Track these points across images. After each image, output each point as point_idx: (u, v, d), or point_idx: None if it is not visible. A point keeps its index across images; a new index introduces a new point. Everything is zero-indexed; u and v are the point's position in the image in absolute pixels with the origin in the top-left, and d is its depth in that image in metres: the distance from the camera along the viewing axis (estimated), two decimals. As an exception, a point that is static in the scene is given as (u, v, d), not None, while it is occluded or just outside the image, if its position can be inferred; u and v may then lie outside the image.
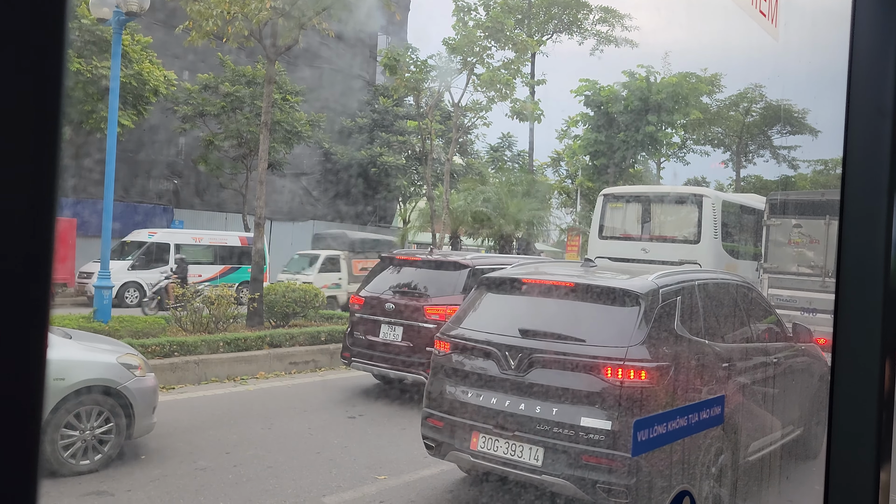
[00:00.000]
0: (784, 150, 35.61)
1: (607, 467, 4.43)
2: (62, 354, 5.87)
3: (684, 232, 12.97)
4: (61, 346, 6.03)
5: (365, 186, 30.33)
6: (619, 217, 13.79)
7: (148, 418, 6.27)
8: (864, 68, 1.47)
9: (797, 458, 6.67)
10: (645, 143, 23.81)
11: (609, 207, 13.85)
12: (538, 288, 5.53)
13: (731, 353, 5.39)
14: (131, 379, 6.12)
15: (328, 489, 5.76)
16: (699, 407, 2.71)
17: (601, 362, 4.64)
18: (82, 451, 5.81)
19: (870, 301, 1.50)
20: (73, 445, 5.75)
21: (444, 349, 5.51)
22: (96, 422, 5.89)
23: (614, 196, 14.28)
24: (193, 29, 13.05)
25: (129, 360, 6.33)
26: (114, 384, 6.01)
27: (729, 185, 38.30)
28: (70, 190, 22.04)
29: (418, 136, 21.83)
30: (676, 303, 5.06)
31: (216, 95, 23.04)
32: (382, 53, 18.35)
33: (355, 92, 31.80)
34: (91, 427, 5.85)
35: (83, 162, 21.59)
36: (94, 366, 6.02)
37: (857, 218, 1.50)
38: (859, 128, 1.48)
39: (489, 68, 17.85)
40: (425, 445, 5.49)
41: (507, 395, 4.93)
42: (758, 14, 1.86)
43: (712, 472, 4.90)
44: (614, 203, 13.91)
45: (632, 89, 23.21)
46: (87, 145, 21.04)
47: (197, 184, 26.53)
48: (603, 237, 13.75)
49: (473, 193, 20.09)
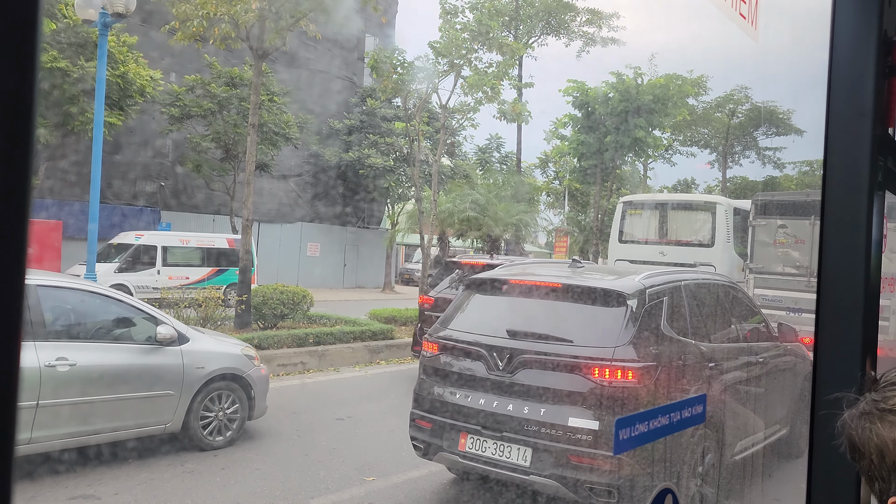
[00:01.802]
0: (769, 152, 35.88)
1: (595, 467, 4.45)
2: (200, 346, 6.80)
3: (699, 236, 13.67)
4: (198, 339, 6.92)
5: (353, 188, 30.29)
6: (637, 222, 14.59)
7: (263, 402, 7.23)
8: (843, 70, 1.49)
9: (783, 457, 6.72)
10: (632, 145, 23.90)
11: (628, 214, 14.65)
12: (526, 289, 5.55)
13: (717, 353, 5.43)
14: (252, 368, 7.15)
15: (316, 491, 5.75)
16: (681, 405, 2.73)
17: (588, 362, 4.66)
18: (216, 429, 6.77)
19: (850, 300, 1.52)
20: (210, 424, 6.72)
21: (432, 350, 5.51)
22: (227, 404, 6.87)
23: (633, 203, 15.13)
24: (179, 29, 13.00)
25: (249, 351, 7.37)
26: (240, 372, 7.00)
27: (715, 185, 38.54)
28: (56, 192, 21.87)
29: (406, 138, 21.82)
30: (663, 303, 5.10)
31: (203, 97, 22.94)
32: (369, 55, 18.35)
33: (343, 93, 31.75)
34: (223, 409, 6.84)
35: (69, 163, 21.43)
36: (225, 356, 7.00)
37: (837, 218, 1.52)
38: (839, 129, 1.50)
39: (476, 71, 17.88)
40: (413, 447, 5.49)
41: (495, 396, 4.94)
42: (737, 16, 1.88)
43: (699, 471, 4.93)
44: (633, 210, 14.74)
45: (619, 90, 23.29)
46: (73, 147, 20.89)
47: (184, 186, 26.39)
48: (623, 241, 14.49)
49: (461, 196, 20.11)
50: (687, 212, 14.51)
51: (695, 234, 13.83)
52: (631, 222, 14.63)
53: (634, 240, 14.40)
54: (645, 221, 14.58)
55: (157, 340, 6.40)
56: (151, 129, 24.08)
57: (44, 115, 17.67)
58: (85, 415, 5.91)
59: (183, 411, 6.51)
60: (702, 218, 13.82)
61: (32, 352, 5.58)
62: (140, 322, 6.53)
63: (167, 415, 6.42)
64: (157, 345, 6.41)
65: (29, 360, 5.50)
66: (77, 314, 6.42)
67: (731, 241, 13.51)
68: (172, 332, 6.48)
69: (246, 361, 7.13)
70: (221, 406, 6.82)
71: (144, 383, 6.30)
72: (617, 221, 14.80)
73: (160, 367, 6.41)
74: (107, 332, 6.40)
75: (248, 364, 7.12)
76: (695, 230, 13.88)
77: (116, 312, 6.54)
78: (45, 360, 5.63)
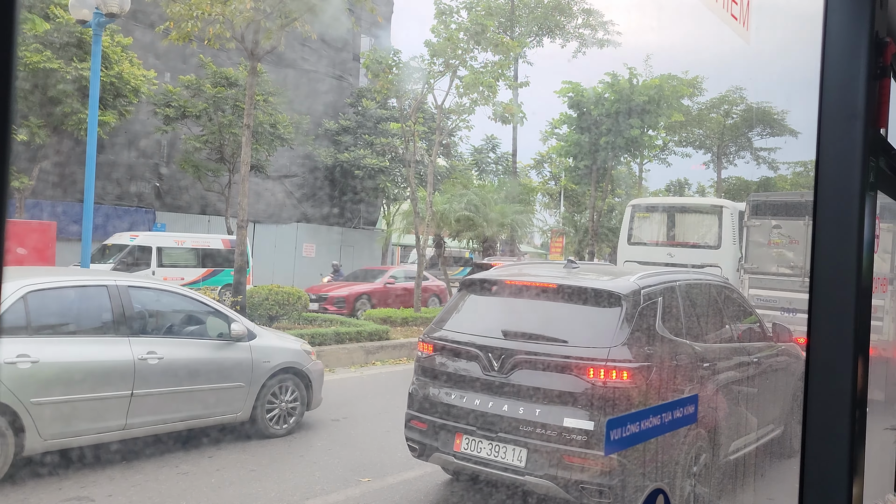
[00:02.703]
0: (764, 152, 35.96)
1: (590, 467, 4.46)
2: (266, 342, 7.34)
3: (706, 238, 14.00)
4: (264, 335, 7.46)
5: (348, 188, 30.26)
6: (646, 225, 14.99)
7: (319, 393, 7.75)
8: (835, 71, 1.50)
9: (778, 456, 6.74)
10: (628, 146, 23.93)
11: (637, 217, 15.04)
12: (521, 289, 5.55)
13: (711, 353, 5.44)
14: (310, 362, 7.70)
15: (311, 492, 5.74)
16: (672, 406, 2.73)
17: (583, 363, 4.66)
18: (279, 419, 7.29)
19: (843, 301, 1.53)
20: (274, 414, 7.24)
21: (428, 351, 5.51)
22: (288, 395, 7.39)
23: (641, 206, 15.61)
24: (174, 29, 12.97)
25: (306, 347, 7.91)
26: (299, 366, 7.53)
27: (710, 186, 38.62)
28: (50, 192, 21.79)
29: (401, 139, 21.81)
30: (658, 303, 5.10)
31: (198, 97, 22.89)
32: (365, 55, 18.33)
33: (337, 94, 31.71)
34: (286, 400, 7.35)
35: (63, 164, 21.36)
36: (287, 351, 7.51)
37: (830, 219, 1.53)
38: (831, 130, 1.51)
39: (472, 71, 17.88)
40: (409, 448, 5.49)
41: (491, 397, 4.94)
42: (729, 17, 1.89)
43: (693, 471, 4.94)
44: (641, 213, 15.18)
45: (614, 90, 23.33)
46: (67, 147, 20.82)
47: (179, 186, 26.33)
48: (631, 243, 14.86)
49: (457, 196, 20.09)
50: (694, 215, 14.94)
51: (702, 236, 14.20)
52: (639, 225, 14.99)
53: (643, 242, 14.75)
54: (653, 224, 14.96)
55: (231, 337, 6.98)
56: (146, 129, 24.01)
57: (37, 115, 17.61)
58: (171, 404, 6.45)
59: (252, 401, 7.06)
60: (708, 221, 14.15)
61: (127, 346, 6.15)
62: (213, 319, 7.11)
63: (238, 405, 6.97)
64: (229, 340, 6.99)
65: (124, 353, 6.10)
66: (162, 312, 6.99)
67: (737, 243, 13.75)
68: (244, 329, 7.08)
69: (304, 356, 7.69)
70: (284, 397, 7.36)
71: (219, 376, 6.87)
72: (626, 224, 15.14)
73: (232, 360, 6.98)
74: (186, 328, 7.00)
75: (306, 358, 7.68)
76: (702, 232, 14.25)
77: (194, 310, 7.14)
78: (137, 354, 6.18)
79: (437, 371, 5.37)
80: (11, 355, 5.46)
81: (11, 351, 5.48)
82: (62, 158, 21.03)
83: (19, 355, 5.50)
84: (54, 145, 19.61)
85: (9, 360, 5.44)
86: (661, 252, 14.02)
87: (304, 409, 7.57)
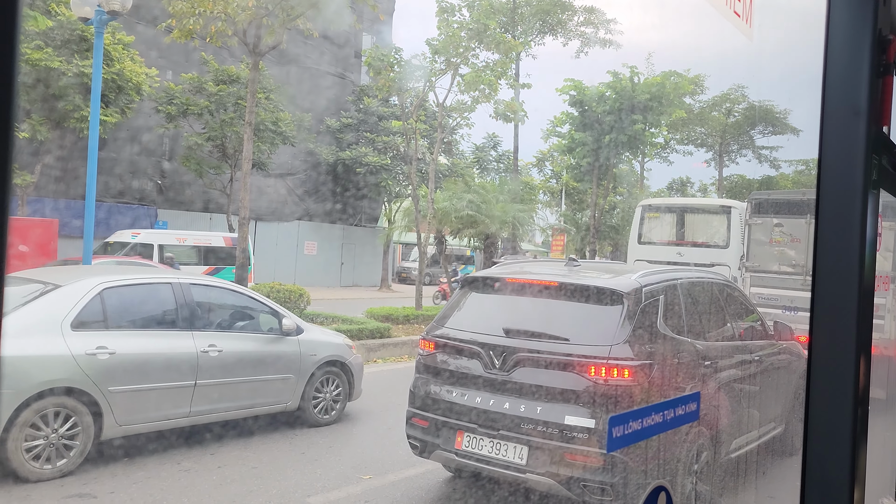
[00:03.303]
0: (766, 150, 35.91)
1: (591, 465, 4.46)
2: (313, 336, 7.77)
3: (715, 238, 14.24)
4: (310, 330, 7.92)
5: (349, 186, 30.26)
6: (656, 225, 15.27)
7: (360, 385, 8.15)
8: (838, 69, 1.49)
9: (779, 454, 6.74)
10: (629, 144, 23.90)
11: (647, 216, 15.32)
12: (522, 287, 5.55)
13: (713, 352, 5.44)
14: (352, 355, 8.11)
15: (313, 489, 5.75)
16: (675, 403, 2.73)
17: (585, 361, 4.66)
18: (325, 409, 7.69)
19: (845, 299, 1.52)
20: (320, 404, 7.65)
21: (429, 349, 5.51)
22: (333, 387, 7.80)
23: (651, 207, 15.88)
24: (176, 27, 12.97)
25: (348, 341, 8.36)
26: (342, 359, 7.95)
27: (711, 184, 38.59)
28: (51, 190, 21.81)
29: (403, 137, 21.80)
30: (659, 301, 5.10)
31: (200, 95, 22.89)
32: (366, 53, 18.32)
33: (339, 92, 31.70)
34: (330, 391, 7.77)
35: (64, 161, 21.37)
36: (331, 345, 7.94)
37: (832, 217, 1.52)
38: (834, 127, 1.50)
39: (474, 69, 17.86)
40: (410, 445, 5.50)
41: (492, 395, 4.94)
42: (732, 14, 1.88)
43: (695, 469, 4.94)
44: (651, 213, 15.47)
45: (616, 89, 23.29)
46: (69, 144, 20.83)
47: (180, 184, 26.34)
48: (641, 243, 15.13)
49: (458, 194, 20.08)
50: (703, 215, 15.27)
51: (711, 236, 14.46)
52: (649, 225, 15.27)
53: (653, 241, 15.02)
54: (663, 224, 15.26)
55: (282, 331, 7.40)
56: (148, 126, 24.02)
57: (39, 112, 17.63)
58: (229, 394, 6.88)
59: (300, 392, 7.49)
60: (717, 221, 14.40)
61: (191, 340, 6.61)
62: (264, 315, 7.55)
63: (288, 395, 7.39)
64: (280, 335, 7.40)
65: (188, 346, 6.55)
66: (219, 308, 7.42)
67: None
68: (293, 324, 7.51)
69: (347, 349, 8.10)
70: (329, 388, 7.78)
71: (272, 368, 7.28)
72: (636, 224, 15.41)
73: (283, 354, 7.39)
74: (241, 323, 7.40)
75: (348, 352, 8.11)
76: (710, 232, 14.51)
77: (247, 306, 7.56)
78: (199, 347, 6.63)
79: (438, 369, 5.37)
80: (91, 347, 5.91)
81: (91, 343, 5.93)
82: (64, 155, 21.04)
83: (98, 347, 5.94)
84: (56, 142, 19.62)
85: (90, 351, 5.88)
86: (671, 251, 14.26)
87: (346, 400, 7.98)
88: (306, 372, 7.52)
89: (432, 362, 5.43)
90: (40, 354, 5.65)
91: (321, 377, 7.70)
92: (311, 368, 7.58)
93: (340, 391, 7.90)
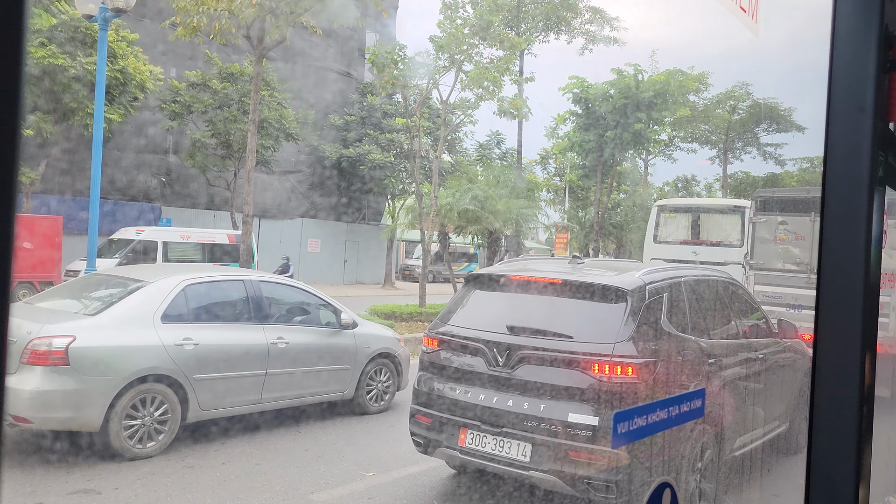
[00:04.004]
0: (770, 148, 35.82)
1: (595, 463, 4.45)
2: (366, 330, 8.29)
3: (729, 237, 14.62)
4: (364, 324, 8.37)
5: (353, 184, 30.26)
6: (671, 224, 15.76)
7: (406, 375, 8.62)
8: (844, 65, 1.48)
9: (783, 452, 6.73)
10: (633, 141, 23.86)
11: (662, 216, 15.84)
12: (526, 285, 5.55)
13: (717, 350, 5.43)
14: (400, 348, 8.66)
15: (316, 486, 5.76)
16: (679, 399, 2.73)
17: (588, 358, 4.66)
18: (377, 397, 8.23)
19: (850, 297, 1.52)
20: (372, 393, 8.19)
21: (433, 346, 5.51)
22: (384, 377, 8.32)
23: (667, 207, 16.44)
24: (180, 25, 12.98)
25: (396, 334, 8.97)
26: (392, 351, 8.47)
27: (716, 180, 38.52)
28: (56, 187, 21.86)
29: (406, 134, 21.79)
30: (663, 299, 5.09)
31: (204, 92, 22.91)
32: (370, 50, 18.32)
33: (342, 89, 31.70)
34: (381, 381, 8.30)
35: (69, 159, 21.41)
36: (382, 338, 8.46)
37: (837, 214, 1.51)
38: (840, 124, 1.49)
39: (477, 66, 17.84)
40: (414, 442, 5.50)
41: (495, 392, 4.94)
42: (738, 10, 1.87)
43: (698, 467, 4.94)
44: (667, 213, 16.01)
45: (620, 87, 23.24)
46: (73, 142, 20.87)
47: (184, 181, 26.37)
48: (657, 242, 15.59)
49: (461, 191, 20.07)
50: (717, 215, 15.65)
51: (725, 235, 14.81)
52: (665, 224, 15.72)
53: (668, 240, 15.42)
54: (678, 224, 15.70)
55: (341, 325, 7.93)
56: (152, 124, 24.05)
57: (43, 109, 17.66)
58: (294, 382, 7.43)
59: (355, 382, 8.01)
60: (731, 220, 14.76)
61: (262, 332, 7.15)
62: (324, 310, 8.05)
63: (344, 384, 7.91)
64: (338, 328, 7.92)
65: (259, 338, 7.09)
66: (285, 303, 7.94)
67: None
68: (350, 319, 8.05)
69: (395, 343, 8.63)
70: (380, 378, 8.30)
71: (331, 359, 7.80)
72: (652, 223, 15.88)
73: (341, 346, 7.91)
74: (304, 317, 7.88)
75: (397, 345, 8.63)
76: (725, 232, 14.86)
77: (309, 302, 8.06)
78: (269, 339, 7.16)
79: (442, 366, 5.37)
80: (179, 338, 6.48)
81: (179, 335, 6.51)
82: (69, 150, 21.08)
83: (185, 338, 6.52)
84: (60, 139, 19.66)
85: (177, 342, 6.45)
86: (686, 250, 14.63)
87: (395, 390, 8.47)
88: (361, 363, 8.05)
89: (436, 359, 5.43)
90: (137, 345, 6.27)
91: (373, 368, 8.22)
92: (365, 360, 8.10)
93: (391, 382, 8.40)
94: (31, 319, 6.14)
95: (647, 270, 5.40)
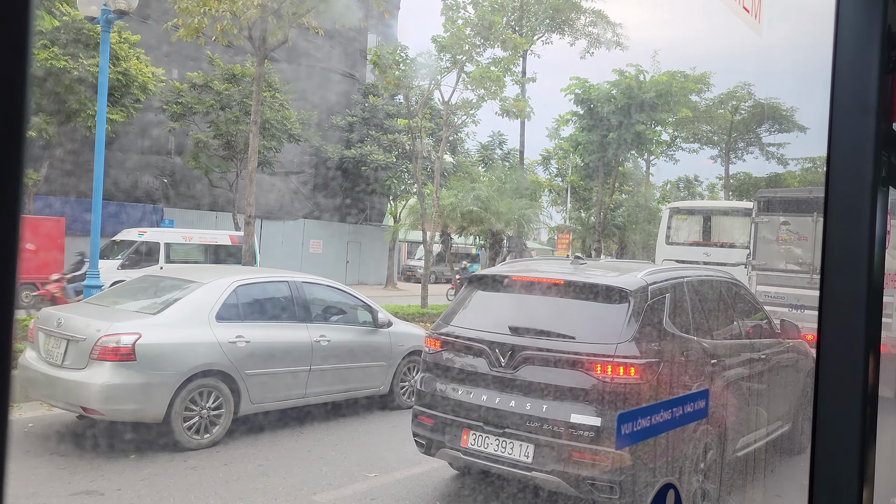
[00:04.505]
0: (773, 148, 35.75)
1: (597, 463, 4.45)
2: (400, 329, 8.62)
3: (740, 239, 14.68)
4: (398, 324, 8.72)
5: (355, 184, 30.26)
6: (683, 226, 16.00)
7: None
8: (847, 65, 1.48)
9: (785, 453, 6.72)
10: (635, 142, 23.85)
11: (674, 218, 16.07)
12: (528, 285, 5.54)
13: (719, 350, 5.42)
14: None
15: (319, 487, 5.76)
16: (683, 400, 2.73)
17: (591, 359, 4.65)
18: (409, 394, 8.41)
19: (854, 297, 1.52)
20: (405, 390, 8.51)
21: (435, 347, 5.51)
22: (416, 374, 8.30)
23: (679, 209, 16.75)
24: (182, 26, 13.00)
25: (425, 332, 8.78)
26: (422, 349, 8.40)
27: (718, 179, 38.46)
28: (59, 188, 21.89)
29: (408, 134, 21.79)
30: (665, 300, 5.09)
31: (206, 94, 22.92)
32: (371, 51, 18.33)
33: (345, 90, 31.71)
34: (413, 378, 8.42)
35: (72, 160, 21.44)
36: (414, 337, 8.73)
37: (841, 215, 1.51)
38: (843, 124, 1.49)
39: (479, 66, 17.84)
40: (416, 443, 5.50)
41: (498, 393, 4.94)
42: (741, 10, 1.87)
43: (701, 467, 4.93)
44: (679, 215, 16.25)
45: (621, 88, 23.22)
46: (76, 143, 20.90)
47: (186, 182, 26.39)
48: (669, 243, 15.78)
49: (464, 192, 20.07)
50: (728, 217, 15.88)
51: (736, 236, 14.99)
52: (677, 226, 15.94)
53: (680, 242, 15.62)
54: (690, 226, 15.94)
55: (377, 324, 8.29)
56: (154, 125, 24.08)
57: (46, 111, 17.69)
58: (336, 378, 7.79)
59: (390, 378, 8.39)
60: (741, 223, 14.80)
61: (306, 331, 7.54)
62: (361, 310, 8.40)
63: (380, 381, 8.30)
64: (374, 327, 8.27)
65: (304, 336, 7.48)
66: (326, 303, 8.30)
67: None
68: (386, 318, 8.43)
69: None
70: (413, 375, 8.54)
71: (369, 356, 8.18)
72: (664, 226, 16.08)
73: (377, 344, 8.28)
74: (343, 316, 8.23)
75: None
76: (736, 233, 15.04)
77: (347, 302, 8.43)
78: (313, 337, 7.55)
79: (444, 367, 5.37)
80: (232, 336, 6.87)
81: (232, 333, 6.90)
82: (71, 152, 21.11)
83: (237, 336, 6.91)
84: (63, 141, 19.69)
85: (231, 340, 6.84)
86: (698, 252, 14.83)
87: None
88: (395, 360, 8.43)
89: (438, 360, 5.43)
90: (195, 342, 6.65)
91: (406, 365, 8.56)
92: (399, 357, 8.46)
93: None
94: (100, 318, 6.57)
95: (649, 271, 5.39)
